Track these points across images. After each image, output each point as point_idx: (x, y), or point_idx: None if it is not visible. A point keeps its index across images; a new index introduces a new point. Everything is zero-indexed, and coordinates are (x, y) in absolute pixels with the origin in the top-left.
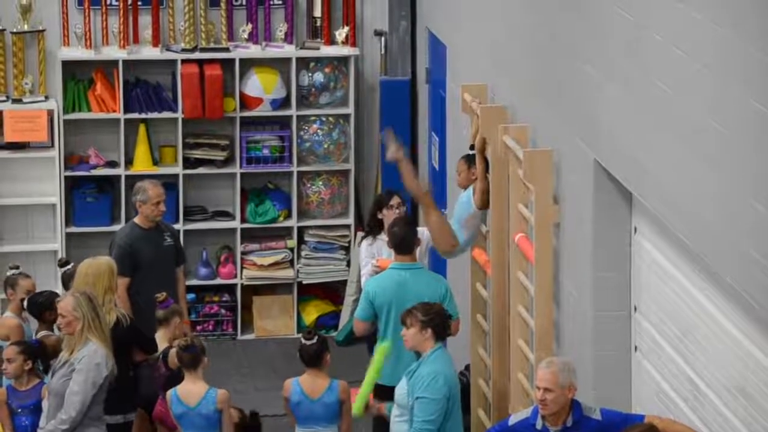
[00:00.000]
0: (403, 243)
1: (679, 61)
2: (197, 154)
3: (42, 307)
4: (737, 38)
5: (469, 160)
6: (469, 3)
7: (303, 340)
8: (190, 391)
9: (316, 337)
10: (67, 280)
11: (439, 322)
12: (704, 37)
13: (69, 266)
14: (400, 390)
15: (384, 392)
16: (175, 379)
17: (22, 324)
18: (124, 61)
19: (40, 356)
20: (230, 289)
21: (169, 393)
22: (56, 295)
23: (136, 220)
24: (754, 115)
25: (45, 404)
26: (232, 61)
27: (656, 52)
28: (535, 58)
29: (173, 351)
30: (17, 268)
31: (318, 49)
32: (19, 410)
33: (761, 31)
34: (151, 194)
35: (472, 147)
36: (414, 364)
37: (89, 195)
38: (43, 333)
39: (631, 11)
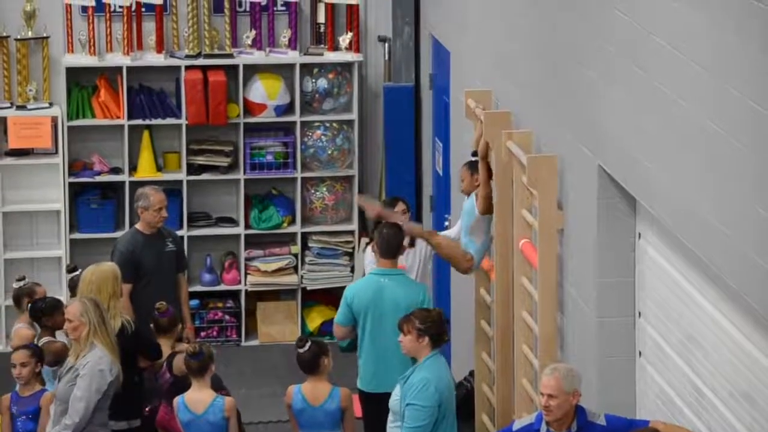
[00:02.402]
0: (389, 247)
1: (682, 66)
2: (201, 160)
3: (41, 312)
4: (741, 42)
5: (472, 166)
6: (473, 9)
7: (296, 349)
8: (198, 398)
9: (309, 344)
10: (74, 286)
11: (436, 330)
12: (709, 42)
13: (77, 272)
14: (394, 396)
15: (370, 400)
16: (180, 385)
17: (35, 334)
18: (128, 68)
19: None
20: (234, 295)
21: (176, 400)
22: (58, 301)
23: (138, 226)
24: (756, 119)
25: (52, 409)
26: (235, 67)
27: (660, 57)
28: (539, 64)
29: (178, 357)
30: (24, 278)
31: (322, 55)
32: (20, 416)
33: (763, 33)
34: (153, 200)
35: (474, 153)
36: (408, 370)
37: (93, 201)
38: (45, 339)
39: (635, 16)
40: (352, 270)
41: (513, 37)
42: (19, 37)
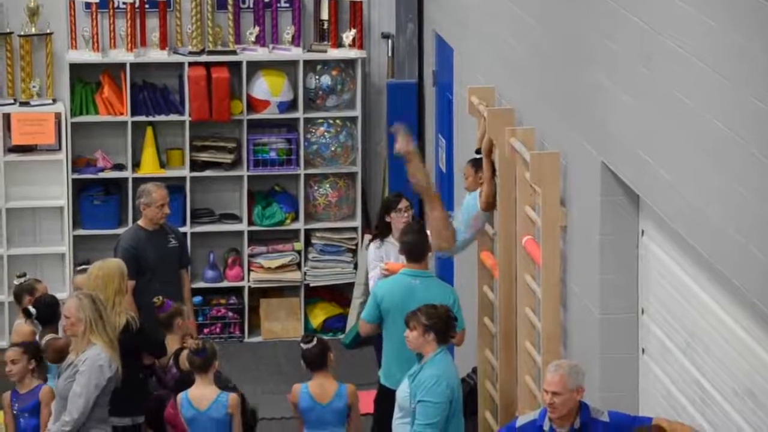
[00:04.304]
0: (415, 251)
1: (685, 64)
2: (204, 156)
3: (38, 313)
4: (744, 40)
5: (476, 164)
6: (476, 6)
7: (302, 345)
8: (201, 394)
9: (315, 339)
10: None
11: (441, 326)
12: (713, 39)
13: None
14: (402, 392)
15: (391, 396)
16: (186, 381)
17: (35, 330)
18: (132, 64)
19: (41, 354)
20: (237, 291)
21: (180, 396)
22: (53, 298)
23: (140, 222)
24: (761, 117)
25: (53, 405)
26: (239, 63)
27: (663, 55)
28: (542, 61)
29: (184, 353)
30: (25, 275)
31: (325, 51)
32: (22, 413)
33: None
34: (156, 197)
35: (477, 151)
36: (416, 367)
37: (96, 198)
38: (48, 336)
39: (639, 14)
40: (356, 267)
41: (516, 33)
42: (22, 33)
